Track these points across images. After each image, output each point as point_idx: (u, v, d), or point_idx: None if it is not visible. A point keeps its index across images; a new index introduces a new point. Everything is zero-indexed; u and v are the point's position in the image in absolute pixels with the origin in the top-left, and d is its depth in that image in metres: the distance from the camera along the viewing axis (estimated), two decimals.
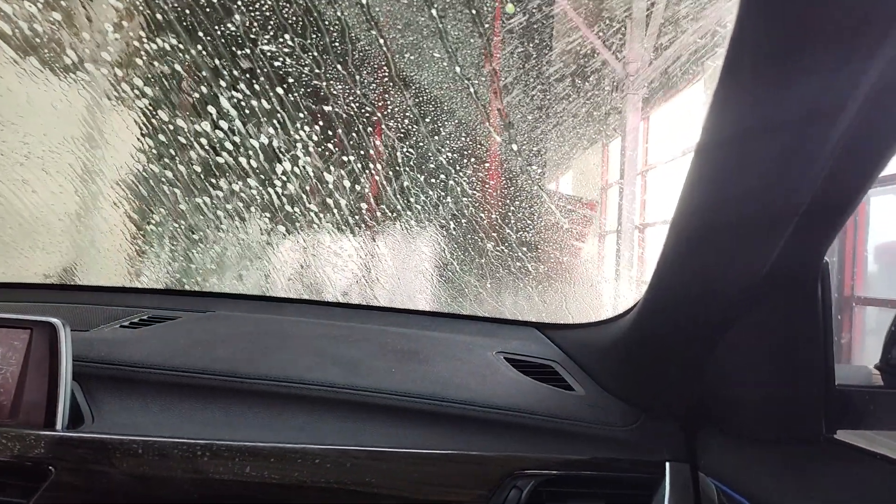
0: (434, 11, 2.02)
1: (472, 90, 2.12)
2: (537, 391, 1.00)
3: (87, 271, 1.82)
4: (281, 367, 0.98)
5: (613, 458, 0.88)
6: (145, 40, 1.82)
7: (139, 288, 1.82)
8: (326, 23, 2.02)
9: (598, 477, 0.87)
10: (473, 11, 2.10)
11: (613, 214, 3.08)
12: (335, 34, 2.05)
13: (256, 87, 1.89)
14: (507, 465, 0.85)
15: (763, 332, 0.73)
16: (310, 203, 1.95)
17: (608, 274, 2.87)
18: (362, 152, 2.08)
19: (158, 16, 1.83)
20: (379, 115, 2.09)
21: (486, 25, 2.15)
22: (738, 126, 0.56)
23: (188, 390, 0.94)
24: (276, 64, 1.95)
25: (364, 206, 2.03)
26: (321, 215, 1.96)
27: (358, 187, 2.04)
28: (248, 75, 1.90)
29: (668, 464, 0.85)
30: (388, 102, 2.10)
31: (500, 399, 0.95)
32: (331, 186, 1.96)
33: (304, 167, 1.95)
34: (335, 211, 1.97)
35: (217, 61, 1.89)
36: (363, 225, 2.03)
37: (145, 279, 1.91)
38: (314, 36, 2.01)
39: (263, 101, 1.90)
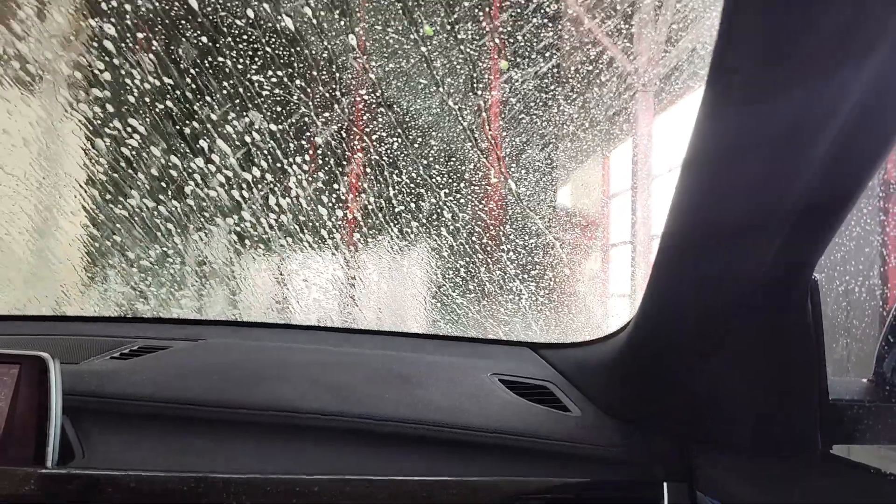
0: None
1: (461, 111, 2.14)
2: (533, 413, 0.99)
3: (78, 302, 1.81)
4: (273, 395, 0.97)
5: (612, 481, 0.87)
6: (137, 79, 1.84)
7: (130, 317, 1.80)
8: (314, 52, 2.05)
9: (597, 500, 0.86)
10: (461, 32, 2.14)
11: (609, 231, 3.06)
12: (322, 64, 2.08)
13: (247, 119, 1.92)
14: (504, 491, 0.84)
15: (756, 347, 0.73)
16: (303, 233, 1.96)
17: (603, 291, 2.86)
18: (353, 180, 2.10)
19: (151, 55, 1.86)
20: (368, 141, 2.11)
21: (475, 51, 2.18)
22: (724, 138, 0.56)
23: (181, 422, 0.93)
24: (265, 94, 1.98)
25: (357, 234, 2.04)
26: (315, 244, 1.96)
27: (349, 216, 2.05)
28: (238, 109, 1.93)
29: (665, 484, 0.84)
30: (377, 128, 2.12)
31: (496, 423, 0.94)
32: (324, 217, 1.96)
33: (296, 198, 1.96)
34: (329, 240, 1.97)
35: (209, 97, 1.91)
36: (355, 251, 2.03)
37: (136, 308, 1.89)
38: (301, 66, 2.04)
39: (255, 135, 1.92)
